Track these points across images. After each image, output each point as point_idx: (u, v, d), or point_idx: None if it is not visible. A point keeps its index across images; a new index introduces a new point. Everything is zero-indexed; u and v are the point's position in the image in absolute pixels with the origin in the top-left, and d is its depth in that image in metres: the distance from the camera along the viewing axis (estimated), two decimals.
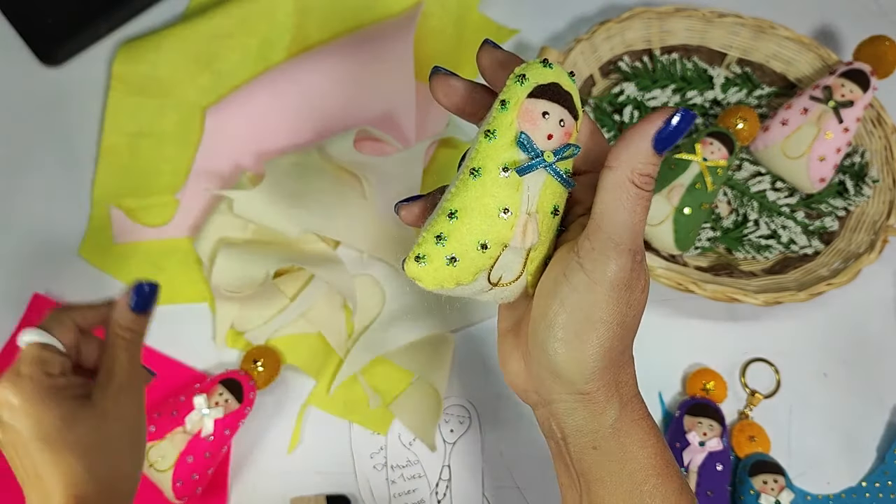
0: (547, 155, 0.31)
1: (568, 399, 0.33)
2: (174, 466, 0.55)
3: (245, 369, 0.60)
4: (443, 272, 0.32)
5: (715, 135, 0.64)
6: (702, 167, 0.63)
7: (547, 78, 0.32)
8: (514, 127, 0.31)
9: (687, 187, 0.63)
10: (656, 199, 0.63)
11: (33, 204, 0.68)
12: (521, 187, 0.31)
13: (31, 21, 0.72)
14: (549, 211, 0.32)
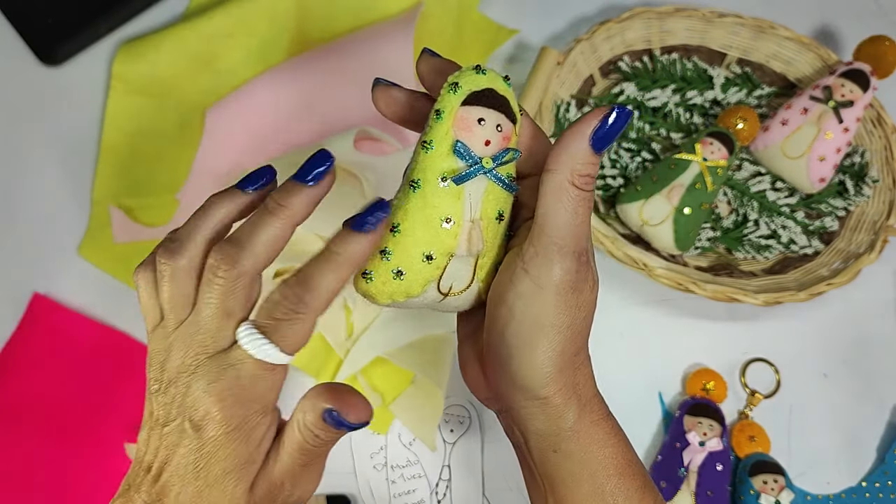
0: (486, 161, 0.31)
1: (526, 405, 0.33)
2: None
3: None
4: (391, 286, 0.32)
5: (715, 135, 0.64)
6: (702, 167, 0.63)
7: (480, 84, 0.31)
8: (451, 136, 0.31)
9: (687, 187, 0.63)
10: (656, 199, 0.63)
11: (33, 203, 0.68)
12: (462, 195, 0.31)
13: (31, 21, 0.72)
14: (493, 217, 0.32)
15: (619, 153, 0.68)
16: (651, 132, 0.70)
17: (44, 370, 0.62)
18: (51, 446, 0.61)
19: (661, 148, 0.69)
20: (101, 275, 0.65)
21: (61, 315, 0.63)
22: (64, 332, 0.63)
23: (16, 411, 0.61)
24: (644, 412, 0.63)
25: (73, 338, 0.63)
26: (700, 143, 0.64)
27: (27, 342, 0.63)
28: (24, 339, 0.63)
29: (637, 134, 0.69)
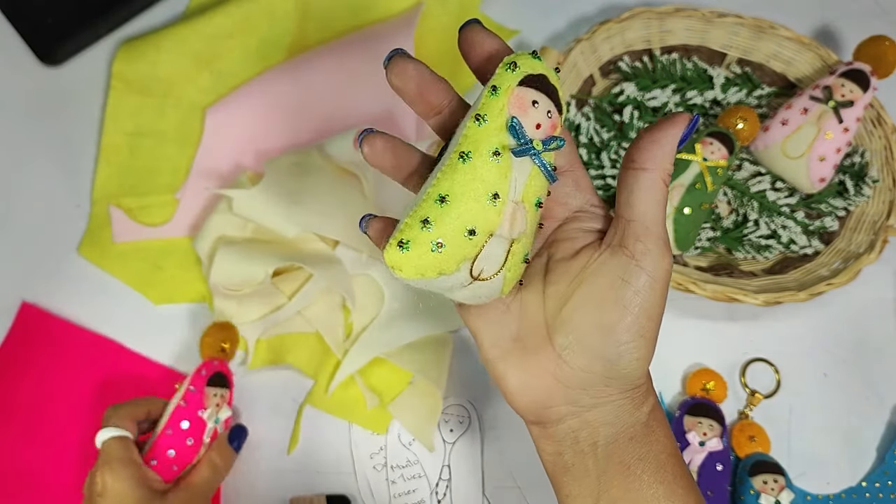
0: (536, 143, 0.31)
1: (618, 398, 0.34)
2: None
3: (214, 357, 0.59)
4: (427, 259, 0.31)
5: (715, 135, 0.64)
6: (702, 167, 0.63)
7: (536, 69, 0.32)
8: (505, 112, 0.31)
9: (687, 187, 0.62)
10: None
11: (33, 203, 0.68)
12: (509, 174, 0.31)
13: (31, 21, 0.72)
14: (533, 202, 0.32)
15: (619, 153, 0.68)
16: None
17: (33, 379, 0.62)
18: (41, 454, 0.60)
19: None
20: (101, 274, 0.65)
21: (51, 323, 0.63)
22: (53, 341, 0.63)
23: (5, 420, 0.61)
24: None
25: (64, 346, 0.63)
26: (700, 143, 0.64)
27: (15, 352, 0.63)
28: (11, 349, 0.63)
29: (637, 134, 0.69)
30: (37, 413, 0.61)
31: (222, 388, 0.57)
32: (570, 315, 0.34)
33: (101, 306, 0.64)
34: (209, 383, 0.57)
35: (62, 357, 0.62)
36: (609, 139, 0.69)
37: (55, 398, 0.61)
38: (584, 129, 0.68)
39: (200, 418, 0.55)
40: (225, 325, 0.60)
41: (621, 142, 0.69)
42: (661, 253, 0.33)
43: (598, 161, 0.68)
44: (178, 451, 0.54)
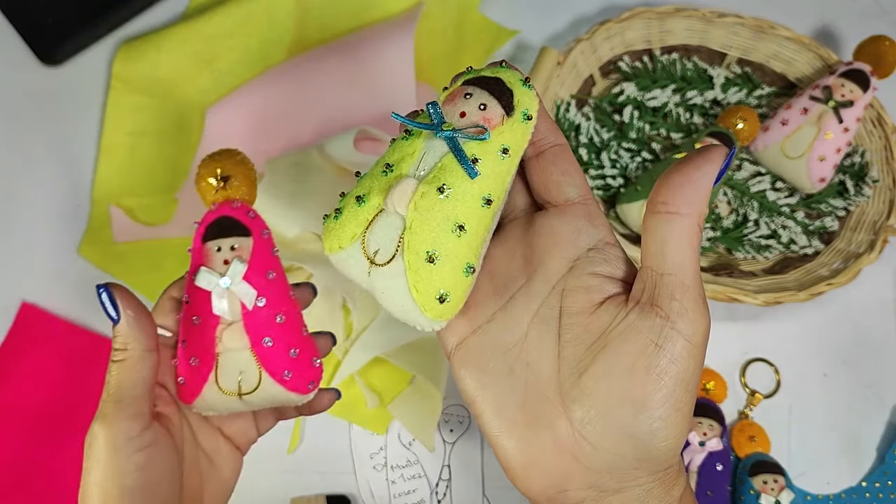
0: (446, 124, 0.30)
1: (647, 481, 0.29)
2: (260, 363, 0.37)
3: (217, 200, 0.39)
4: (331, 230, 0.31)
5: (715, 135, 0.64)
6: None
7: (494, 73, 0.31)
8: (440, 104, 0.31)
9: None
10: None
11: (33, 203, 0.68)
12: (416, 153, 0.30)
13: (31, 21, 0.72)
14: (435, 188, 0.29)
15: (619, 153, 0.68)
16: (651, 132, 0.70)
17: (33, 379, 0.62)
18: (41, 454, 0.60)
19: (662, 148, 0.69)
20: (101, 274, 0.65)
21: (50, 324, 0.63)
22: (53, 341, 0.63)
23: (6, 420, 0.61)
24: None
25: (63, 347, 0.63)
26: (700, 143, 0.64)
27: (15, 352, 0.62)
28: (11, 350, 0.63)
29: (637, 134, 0.69)
30: (37, 413, 0.61)
31: (230, 237, 0.38)
32: (593, 385, 0.29)
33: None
34: (207, 237, 0.39)
35: (62, 357, 0.62)
36: (609, 139, 0.69)
37: (55, 398, 0.61)
38: (584, 129, 0.68)
39: (197, 287, 0.37)
40: (222, 154, 0.40)
41: (621, 142, 0.69)
42: (700, 312, 0.28)
43: (598, 161, 0.68)
44: (189, 339, 0.38)
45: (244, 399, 0.36)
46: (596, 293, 0.30)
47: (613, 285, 0.30)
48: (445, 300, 0.30)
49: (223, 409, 0.37)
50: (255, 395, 0.36)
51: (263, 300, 0.37)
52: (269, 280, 0.37)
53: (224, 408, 0.37)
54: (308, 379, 0.38)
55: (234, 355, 0.36)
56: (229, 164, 0.39)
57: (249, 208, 0.38)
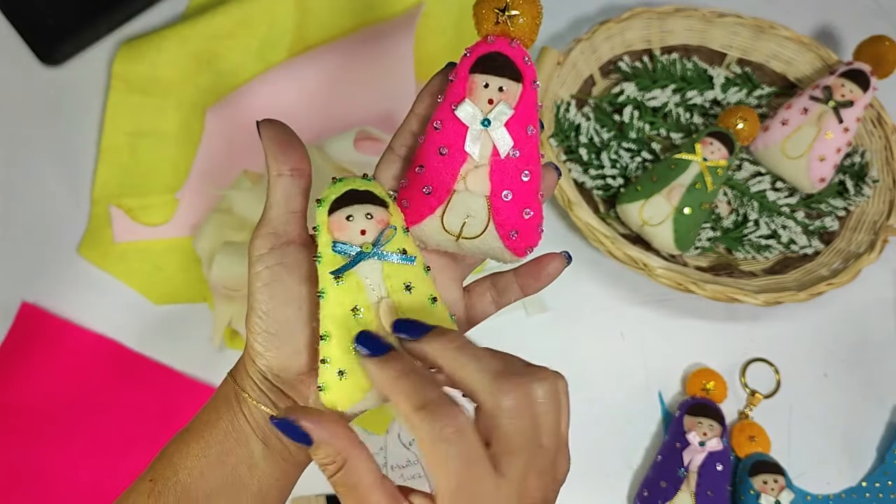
0: (365, 247, 0.34)
1: None
2: (492, 214, 0.36)
3: (494, 33, 0.35)
4: (344, 388, 0.34)
5: (715, 135, 0.64)
6: (702, 167, 0.63)
7: (340, 191, 0.35)
8: (330, 241, 0.34)
9: (687, 187, 0.63)
10: (656, 199, 0.63)
11: (33, 203, 0.68)
12: (362, 285, 0.34)
13: (32, 21, 0.72)
14: (401, 289, 0.34)
15: (619, 153, 0.68)
16: (651, 132, 0.70)
17: (33, 379, 0.62)
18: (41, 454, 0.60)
19: (661, 148, 0.69)
20: (101, 274, 0.65)
21: (51, 324, 0.63)
22: (53, 341, 0.63)
23: (5, 419, 0.61)
24: (644, 412, 0.63)
25: (63, 347, 0.63)
26: (700, 143, 0.64)
27: (15, 352, 0.62)
28: (11, 350, 0.63)
29: (637, 134, 0.69)
30: (37, 413, 0.61)
31: (502, 76, 0.35)
32: None
33: (101, 306, 0.64)
34: (476, 68, 0.35)
35: (62, 357, 0.62)
36: (609, 139, 0.69)
37: (55, 398, 0.61)
38: (585, 128, 0.68)
39: (454, 117, 0.35)
40: None
41: (621, 142, 0.69)
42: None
43: (599, 161, 0.68)
44: (428, 167, 0.36)
45: (460, 242, 0.36)
46: None
47: None
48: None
49: (434, 244, 0.36)
50: (474, 242, 0.36)
51: (518, 153, 0.35)
52: (528, 134, 0.35)
53: (436, 243, 0.36)
54: (528, 243, 0.37)
55: (469, 198, 0.35)
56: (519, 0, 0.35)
57: (526, 52, 0.36)
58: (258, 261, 0.35)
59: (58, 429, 0.61)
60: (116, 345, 0.63)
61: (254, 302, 0.35)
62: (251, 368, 0.37)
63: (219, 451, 0.36)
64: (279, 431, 0.33)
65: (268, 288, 0.35)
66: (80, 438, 0.61)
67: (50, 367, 0.62)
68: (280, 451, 0.37)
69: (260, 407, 0.36)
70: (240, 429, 0.36)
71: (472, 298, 0.40)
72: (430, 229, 0.36)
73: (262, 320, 0.35)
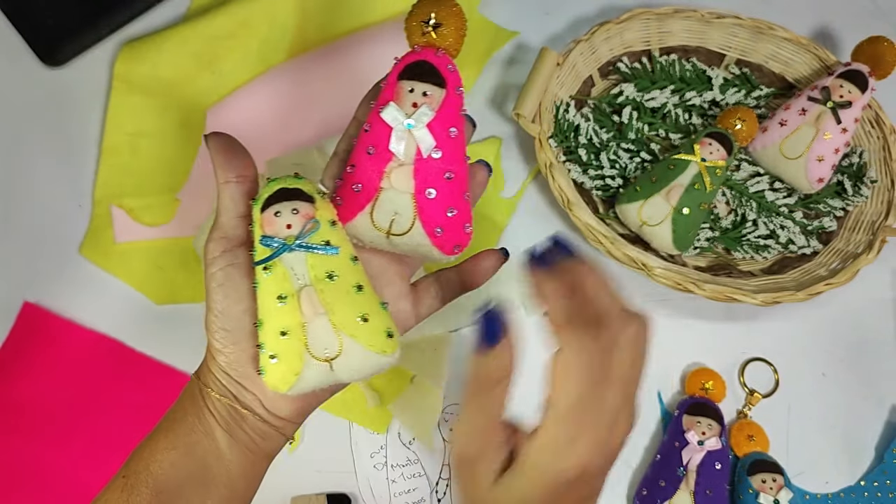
0: (289, 239, 0.36)
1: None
2: (417, 211, 0.38)
3: (421, 44, 0.39)
4: (278, 371, 0.37)
5: (714, 135, 0.65)
6: (701, 168, 0.63)
7: (272, 189, 0.37)
8: (260, 235, 0.37)
9: (686, 187, 0.63)
10: (655, 200, 0.63)
11: (35, 203, 0.68)
12: (287, 274, 0.36)
13: (33, 22, 0.72)
14: (323, 278, 0.37)
15: (618, 154, 0.69)
16: (650, 133, 0.70)
17: (35, 378, 0.62)
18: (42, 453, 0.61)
19: (661, 149, 0.70)
20: (102, 274, 0.65)
21: (52, 324, 0.63)
22: (55, 341, 0.63)
23: (7, 419, 0.61)
24: (643, 411, 0.63)
25: (65, 347, 0.63)
26: (699, 143, 0.64)
27: (17, 351, 0.63)
28: (13, 349, 0.63)
29: (636, 135, 0.70)
30: (38, 412, 0.61)
31: (425, 82, 0.38)
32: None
33: (102, 306, 0.64)
34: (403, 75, 0.38)
35: (64, 357, 0.63)
36: (608, 140, 0.69)
37: (57, 397, 0.62)
38: (584, 129, 0.68)
39: (381, 119, 0.38)
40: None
41: (620, 142, 0.69)
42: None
43: (598, 162, 0.68)
44: (358, 166, 0.39)
45: (391, 239, 0.39)
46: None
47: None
48: (393, 335, 0.38)
49: (368, 240, 0.39)
50: (403, 238, 0.38)
51: (439, 153, 0.38)
52: (449, 136, 0.38)
53: (369, 240, 0.39)
54: (455, 242, 0.39)
55: (396, 196, 0.38)
56: (444, 11, 0.38)
57: (450, 61, 0.39)
58: (212, 263, 0.38)
59: (59, 428, 0.61)
60: (117, 344, 0.63)
61: (210, 302, 0.38)
62: (212, 365, 0.39)
63: (186, 443, 0.38)
64: (481, 324, 0.35)
65: (222, 288, 0.38)
66: (81, 437, 0.61)
67: (51, 366, 0.62)
68: (246, 442, 0.40)
69: (223, 400, 0.39)
70: (205, 422, 0.39)
71: (418, 294, 0.43)
72: (361, 226, 0.39)
73: (218, 318, 0.38)
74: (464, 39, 0.39)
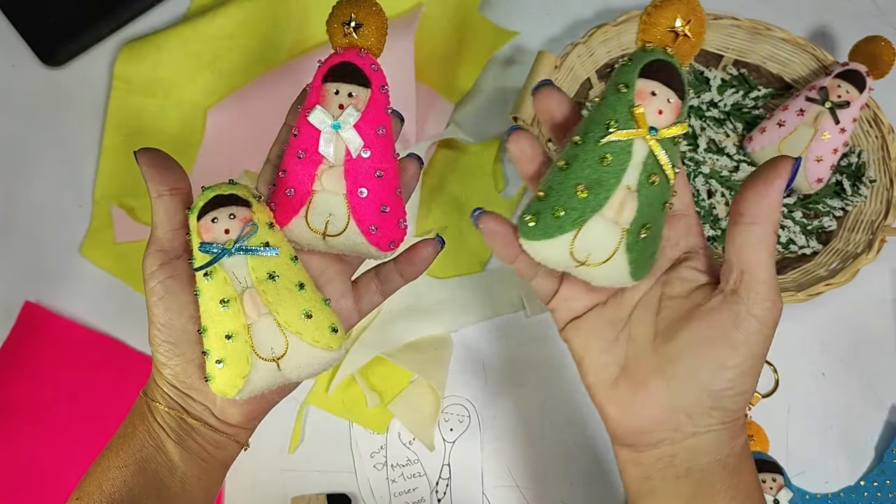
0: (227, 244, 0.36)
1: (718, 427, 0.36)
2: (350, 211, 0.38)
3: (343, 45, 0.39)
4: (224, 376, 0.37)
5: (651, 69, 0.38)
6: (651, 145, 0.36)
7: (206, 197, 0.37)
8: (199, 243, 0.37)
9: (638, 187, 0.36)
10: (595, 225, 0.36)
11: (35, 203, 0.68)
12: (228, 279, 0.37)
13: (33, 22, 0.72)
14: (264, 279, 0.37)
15: None
16: None
17: (36, 378, 0.62)
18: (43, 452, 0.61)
19: None
20: (103, 274, 0.65)
21: (53, 323, 0.63)
22: (56, 339, 0.63)
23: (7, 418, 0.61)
24: None
25: (66, 346, 0.63)
26: (636, 95, 0.37)
27: (17, 350, 0.63)
28: (14, 348, 0.63)
29: None
30: (39, 411, 0.61)
31: (350, 83, 0.38)
32: (682, 349, 0.36)
33: (102, 305, 0.64)
34: (328, 78, 0.38)
35: (64, 356, 0.63)
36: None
37: (57, 396, 0.62)
38: None
39: (308, 123, 0.38)
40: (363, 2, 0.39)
41: None
42: (773, 301, 0.35)
43: None
44: (290, 171, 0.39)
45: (327, 240, 0.39)
46: (689, 283, 0.38)
47: (704, 276, 0.38)
48: (338, 330, 0.38)
49: (305, 243, 0.39)
50: (339, 239, 0.39)
51: (368, 152, 0.38)
52: (377, 135, 0.38)
53: (306, 243, 0.39)
54: (391, 238, 0.40)
55: (329, 197, 0.38)
56: (364, 12, 0.38)
57: (374, 60, 0.39)
58: (150, 277, 0.38)
59: (58, 427, 0.61)
60: (118, 343, 0.63)
61: (151, 316, 0.38)
62: (159, 379, 0.39)
63: (138, 459, 0.39)
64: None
65: (162, 301, 0.38)
66: (82, 437, 0.61)
67: (52, 365, 0.62)
68: (199, 452, 0.40)
69: (171, 413, 0.39)
70: (156, 437, 0.39)
71: (359, 290, 0.44)
72: (297, 229, 0.39)
73: (161, 332, 0.38)
74: (385, 38, 0.39)
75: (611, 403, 0.38)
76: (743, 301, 0.35)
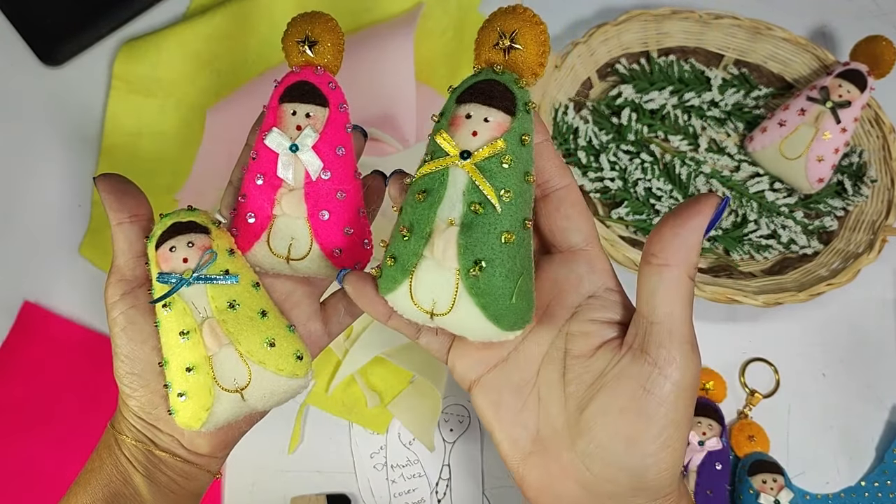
0: (185, 273, 0.36)
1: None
2: (313, 234, 0.37)
3: (299, 63, 0.37)
4: (189, 409, 0.36)
5: (473, 91, 0.33)
6: (469, 171, 0.32)
7: (166, 225, 0.37)
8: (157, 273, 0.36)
9: (461, 220, 0.32)
10: (426, 270, 0.32)
11: (35, 203, 0.68)
12: (186, 309, 0.36)
13: (32, 21, 0.72)
14: (225, 308, 0.36)
15: (617, 155, 0.69)
16: (649, 134, 0.71)
17: (35, 378, 0.62)
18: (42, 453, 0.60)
19: (661, 151, 0.70)
20: (102, 274, 0.65)
21: (52, 323, 0.63)
22: (55, 340, 0.63)
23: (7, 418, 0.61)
24: None
25: (65, 346, 0.63)
26: (450, 122, 0.33)
27: (17, 351, 0.63)
28: (13, 348, 0.63)
29: (635, 136, 0.70)
30: (38, 411, 0.61)
31: (307, 103, 0.36)
32: (591, 422, 0.32)
33: (102, 305, 0.64)
34: (285, 98, 0.37)
35: (64, 356, 0.62)
36: (607, 141, 0.69)
37: (57, 396, 0.62)
38: (583, 131, 0.69)
39: (266, 146, 0.36)
40: (313, 16, 0.37)
41: (619, 144, 0.69)
42: (688, 359, 0.31)
43: (598, 164, 0.68)
44: (249, 196, 0.37)
45: (291, 264, 0.38)
46: (594, 338, 0.33)
47: (610, 330, 0.33)
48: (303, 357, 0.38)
49: (269, 267, 0.38)
50: (303, 263, 0.38)
51: (328, 174, 0.37)
52: (337, 155, 0.37)
53: (271, 267, 0.38)
54: (355, 259, 0.38)
55: (290, 221, 0.37)
56: (319, 28, 0.37)
57: (331, 78, 0.38)
58: (112, 308, 0.38)
59: (58, 427, 0.61)
60: None
61: (115, 347, 0.38)
62: (125, 411, 0.39)
63: (106, 494, 0.38)
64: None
65: (125, 332, 0.37)
66: (81, 437, 0.61)
67: (51, 365, 0.62)
68: (167, 484, 0.39)
69: (139, 445, 0.38)
70: (123, 470, 0.38)
71: (327, 312, 0.42)
72: (260, 254, 0.38)
73: (125, 363, 0.37)
74: (342, 55, 0.38)
75: (525, 480, 0.34)
76: (652, 360, 0.31)
